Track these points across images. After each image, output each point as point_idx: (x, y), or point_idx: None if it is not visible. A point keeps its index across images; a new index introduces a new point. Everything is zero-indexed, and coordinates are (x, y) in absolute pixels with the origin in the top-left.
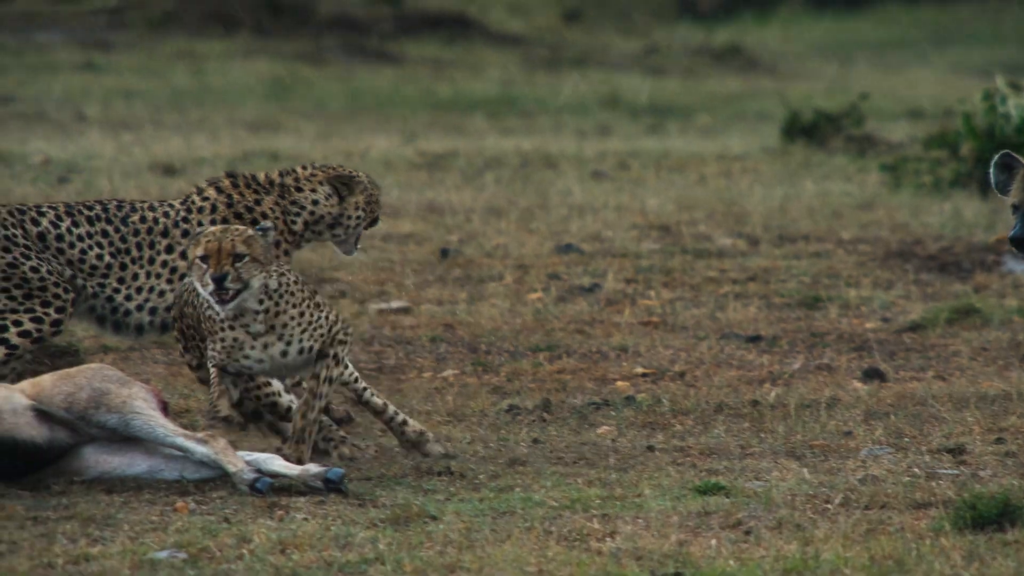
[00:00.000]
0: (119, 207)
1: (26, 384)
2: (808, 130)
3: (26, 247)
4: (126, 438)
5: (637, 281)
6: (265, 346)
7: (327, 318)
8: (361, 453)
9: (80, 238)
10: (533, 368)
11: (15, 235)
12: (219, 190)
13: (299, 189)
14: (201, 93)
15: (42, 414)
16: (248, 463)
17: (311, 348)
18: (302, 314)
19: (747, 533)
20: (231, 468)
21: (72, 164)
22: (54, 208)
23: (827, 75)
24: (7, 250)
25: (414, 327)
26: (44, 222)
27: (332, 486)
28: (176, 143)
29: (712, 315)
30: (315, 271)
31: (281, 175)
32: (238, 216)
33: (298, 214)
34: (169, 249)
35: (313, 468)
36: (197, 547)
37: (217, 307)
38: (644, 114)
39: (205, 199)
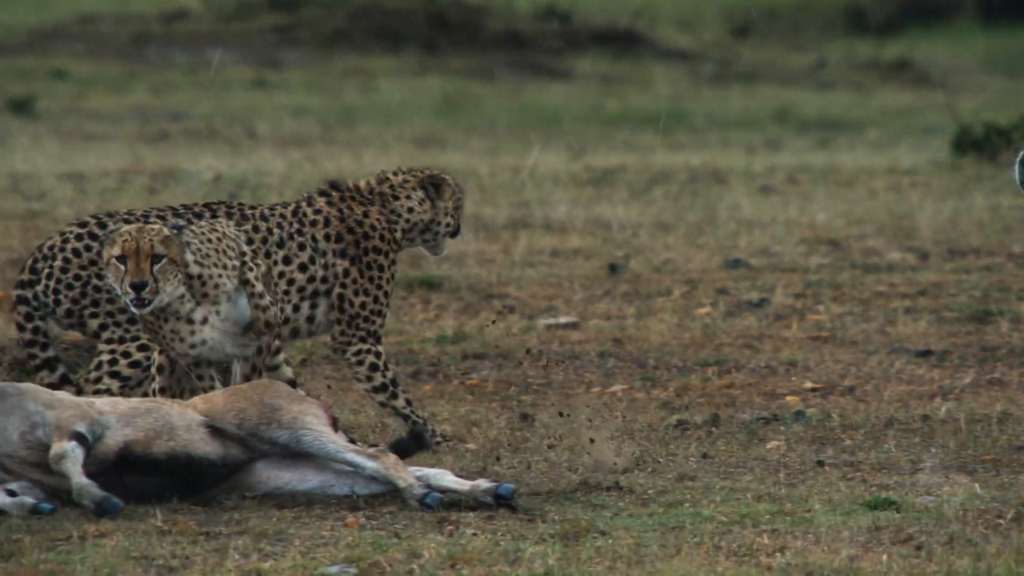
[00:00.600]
0: (228, 213)
1: (198, 400)
2: (978, 143)
3: None
4: (297, 453)
5: (806, 296)
6: (204, 319)
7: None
8: None
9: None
10: (702, 383)
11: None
12: (330, 203)
13: (395, 197)
14: (371, 110)
15: (215, 430)
16: (418, 478)
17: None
18: (225, 266)
19: (918, 548)
20: (401, 483)
21: (242, 181)
22: (163, 216)
23: (997, 88)
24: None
25: (582, 342)
26: None
27: (502, 501)
28: (346, 160)
29: (882, 329)
30: (483, 287)
31: (379, 183)
32: (350, 231)
33: (396, 222)
34: (287, 261)
35: (483, 484)
36: (367, 562)
37: (134, 310)
38: (813, 128)
39: (318, 212)
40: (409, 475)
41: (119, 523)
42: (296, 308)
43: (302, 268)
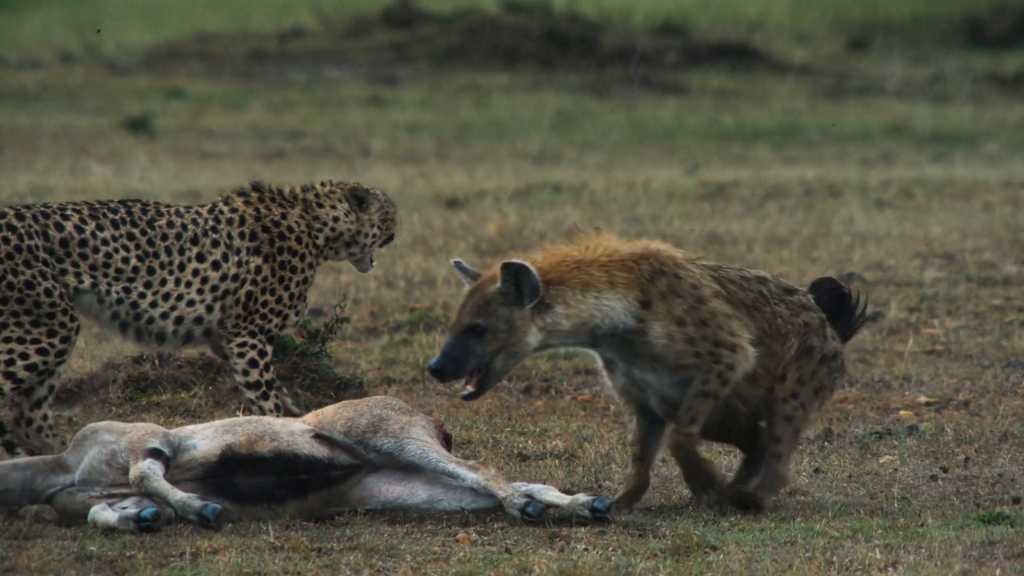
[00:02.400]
0: (144, 210)
1: (310, 415)
2: None
3: (44, 262)
4: (407, 467)
5: (920, 310)
6: None
7: None
8: None
9: (105, 241)
10: None
11: (36, 246)
12: (247, 202)
13: (320, 205)
14: (485, 126)
15: (322, 437)
16: (517, 489)
17: None
18: None
19: None
20: (501, 493)
21: None
22: (78, 211)
23: None
24: (28, 265)
25: None
26: (68, 226)
27: (598, 514)
28: (460, 176)
29: (997, 343)
30: None
31: (303, 190)
32: (265, 230)
33: (320, 230)
34: (200, 258)
35: (581, 497)
36: None
37: None
38: (929, 142)
39: (234, 210)
40: (508, 486)
41: (232, 539)
42: (209, 309)
43: (215, 266)
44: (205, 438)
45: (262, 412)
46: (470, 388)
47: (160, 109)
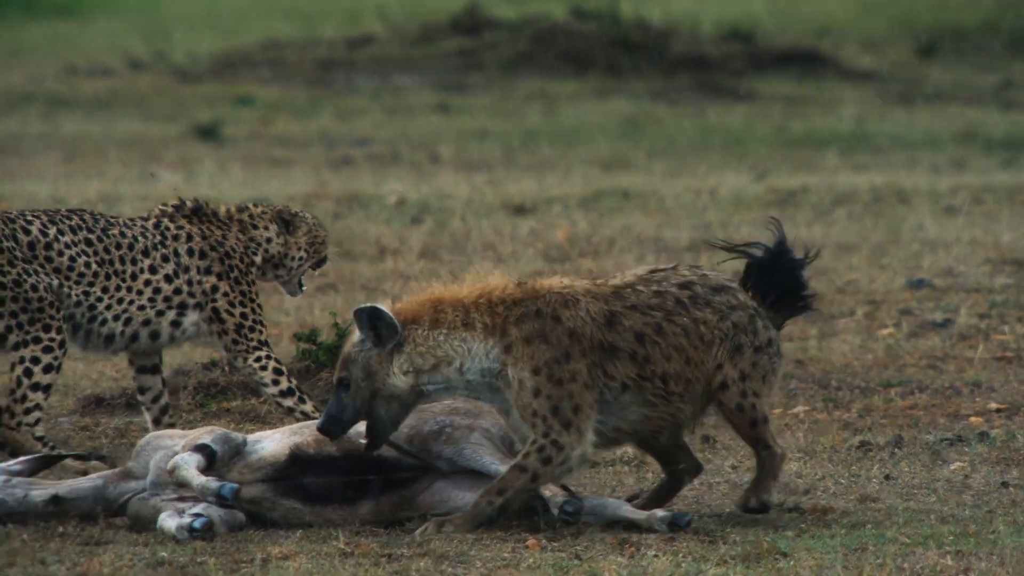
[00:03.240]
0: (95, 219)
1: None
2: None
3: (24, 260)
4: (476, 472)
5: (991, 316)
6: None
7: None
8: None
9: (68, 245)
10: (885, 404)
11: (13, 247)
12: (190, 221)
13: (254, 226)
14: (554, 133)
15: (389, 442)
16: (592, 506)
17: None
18: None
19: None
20: (546, 493)
21: (425, 205)
22: (37, 216)
23: None
24: (11, 264)
25: None
26: (33, 230)
27: (678, 529)
28: (528, 183)
29: None
30: None
31: (238, 211)
32: (212, 248)
33: (255, 251)
34: (152, 270)
35: (659, 512)
36: None
37: None
38: (999, 148)
39: (180, 227)
40: (552, 487)
41: (302, 545)
42: (160, 313)
43: (167, 279)
44: (274, 440)
45: (305, 416)
46: (363, 440)
47: (229, 116)
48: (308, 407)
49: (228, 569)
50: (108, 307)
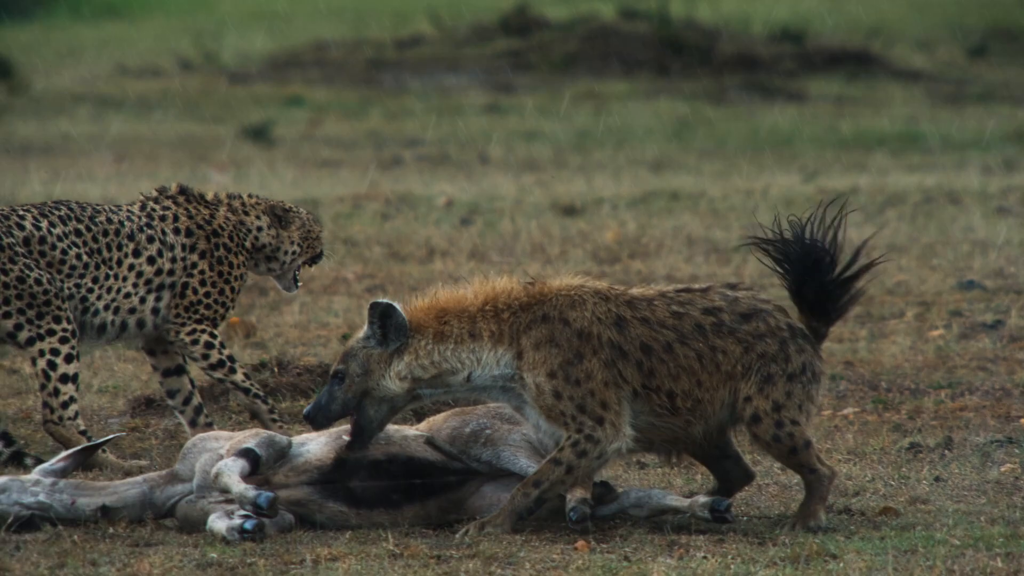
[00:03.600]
0: (82, 208)
1: (423, 423)
2: None
3: (25, 255)
4: (522, 477)
5: None
6: None
7: None
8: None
9: (60, 238)
10: (935, 406)
11: (13, 243)
12: (176, 203)
13: (246, 213)
14: (603, 133)
15: (432, 444)
16: (639, 497)
17: None
18: None
19: None
20: (578, 494)
21: (474, 205)
22: (29, 210)
23: None
24: (13, 260)
25: None
26: (27, 224)
27: (718, 515)
28: (577, 184)
29: None
30: None
31: (228, 197)
32: (199, 227)
33: (245, 236)
34: (136, 253)
35: (701, 498)
36: None
37: None
38: None
39: (166, 208)
40: (578, 488)
41: (351, 546)
42: (143, 300)
43: (150, 261)
44: (320, 443)
45: (236, 386)
46: (346, 437)
47: (279, 117)
48: (238, 377)
49: (278, 570)
50: (99, 297)
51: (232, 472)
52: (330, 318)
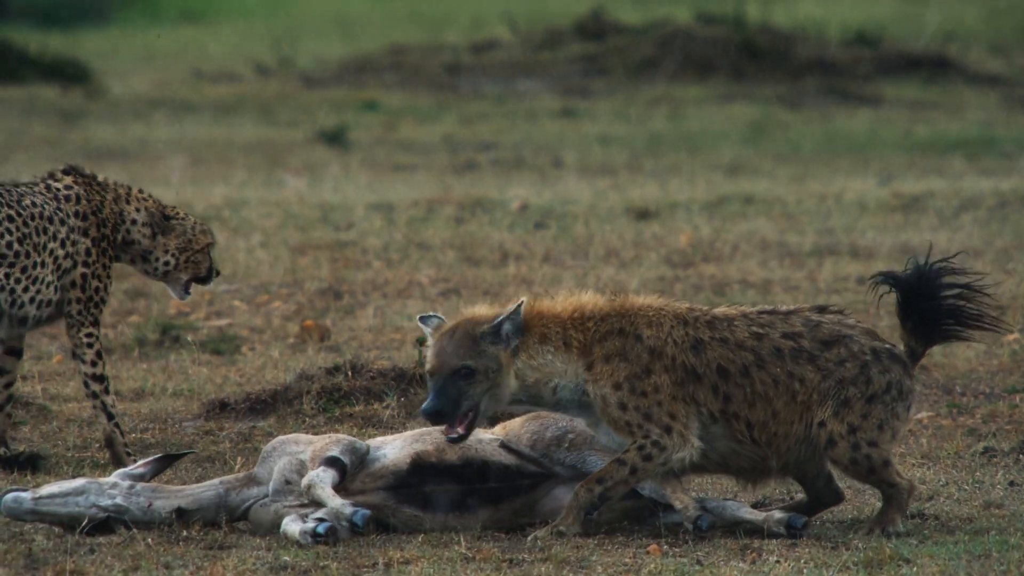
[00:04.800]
0: (7, 190)
1: (498, 427)
2: None
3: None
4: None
5: None
6: None
7: None
8: None
9: None
10: (1009, 410)
11: None
12: (76, 182)
13: (128, 202)
14: (678, 138)
15: (508, 448)
16: (710, 508)
17: None
18: None
19: None
20: (678, 505)
21: (548, 210)
22: None
23: None
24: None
25: None
26: None
27: (794, 532)
28: (651, 188)
29: None
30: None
31: (116, 185)
32: (94, 212)
33: (120, 225)
34: (54, 237)
35: (777, 514)
36: None
37: None
38: None
39: (68, 188)
40: (687, 498)
41: (424, 550)
42: (55, 289)
43: (62, 244)
44: (395, 447)
45: (105, 407)
46: (460, 430)
47: (354, 121)
48: (110, 399)
49: (350, 574)
50: (25, 288)
51: (325, 485)
52: (403, 322)
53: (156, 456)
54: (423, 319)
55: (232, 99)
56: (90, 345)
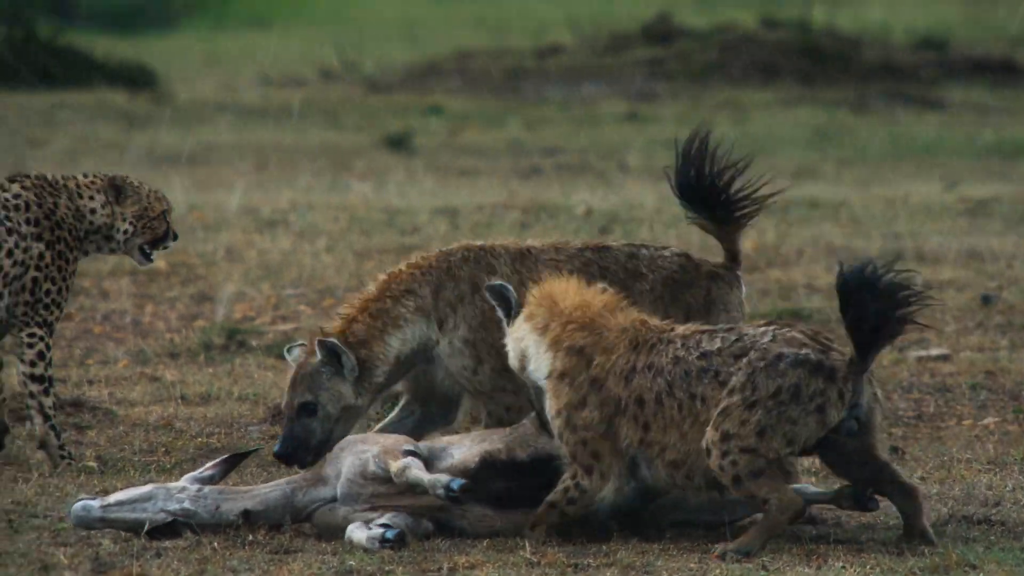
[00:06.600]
0: None
1: None
2: None
3: None
4: None
5: None
6: None
7: None
8: None
9: None
10: None
11: None
12: (24, 187)
13: (80, 196)
14: (743, 142)
15: None
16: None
17: None
18: None
19: None
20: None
21: (613, 214)
22: None
23: None
24: None
25: (954, 374)
26: None
27: (864, 503)
28: None
29: None
30: None
31: (64, 179)
32: (47, 216)
33: (80, 222)
34: (1, 247)
35: (847, 489)
36: None
37: None
38: None
39: (17, 196)
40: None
41: (488, 554)
42: (1, 296)
43: (9, 254)
44: (463, 447)
45: (41, 408)
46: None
47: (419, 126)
48: (48, 401)
49: None
50: None
51: (419, 466)
52: None
53: (223, 457)
54: (289, 349)
55: (297, 104)
56: (31, 345)
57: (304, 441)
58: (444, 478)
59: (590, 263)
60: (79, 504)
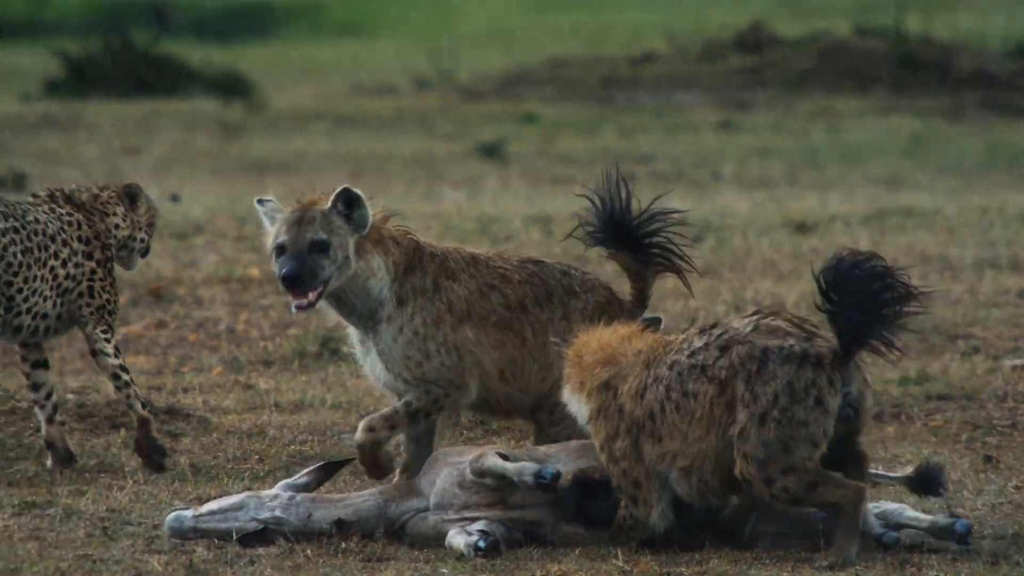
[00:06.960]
0: (13, 206)
1: None
2: None
3: None
4: None
5: None
6: None
7: None
8: None
9: (3, 232)
10: None
11: None
12: (75, 208)
13: (106, 214)
14: (837, 150)
15: None
16: (878, 515)
17: None
18: None
19: None
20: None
21: (706, 222)
22: None
23: None
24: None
25: None
26: None
27: (959, 537)
28: (810, 201)
29: None
30: (948, 327)
31: (93, 199)
32: (96, 236)
33: (111, 239)
34: (56, 255)
35: (942, 519)
36: None
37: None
38: None
39: (70, 214)
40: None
41: (581, 563)
42: (54, 304)
43: (64, 264)
44: (559, 461)
45: (136, 395)
46: (309, 299)
47: (513, 134)
48: (136, 388)
49: None
50: (26, 298)
51: (499, 459)
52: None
53: (318, 464)
54: (259, 201)
55: (391, 112)
56: (107, 340)
57: (314, 273)
58: (533, 466)
59: (533, 275)
60: (172, 515)
